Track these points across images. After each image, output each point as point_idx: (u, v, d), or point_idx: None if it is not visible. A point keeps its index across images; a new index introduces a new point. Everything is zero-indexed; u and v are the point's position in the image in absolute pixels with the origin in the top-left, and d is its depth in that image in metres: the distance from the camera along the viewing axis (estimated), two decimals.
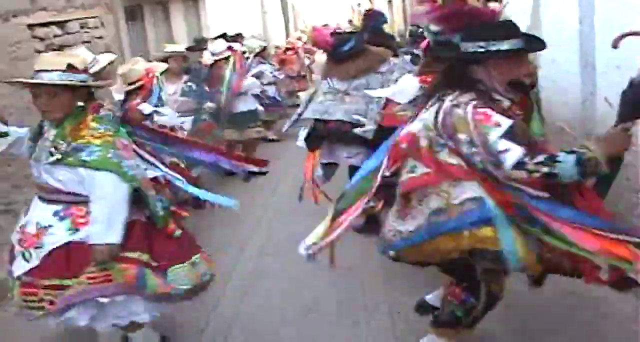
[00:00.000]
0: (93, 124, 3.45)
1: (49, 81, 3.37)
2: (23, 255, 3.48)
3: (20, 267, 3.48)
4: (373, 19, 6.55)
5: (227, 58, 8.50)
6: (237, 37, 12.99)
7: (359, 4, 42.54)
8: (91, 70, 3.73)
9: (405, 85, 4.29)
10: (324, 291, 4.69)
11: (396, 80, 4.99)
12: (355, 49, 5.52)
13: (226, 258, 5.35)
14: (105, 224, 3.35)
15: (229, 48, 8.63)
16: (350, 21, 25.21)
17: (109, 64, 5.75)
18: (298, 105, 6.55)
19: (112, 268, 3.37)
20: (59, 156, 3.39)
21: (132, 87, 5.97)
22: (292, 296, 4.70)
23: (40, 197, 3.59)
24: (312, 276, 4.76)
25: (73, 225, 3.44)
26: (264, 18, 20.76)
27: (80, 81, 3.44)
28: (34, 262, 3.44)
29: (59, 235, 3.44)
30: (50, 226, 3.46)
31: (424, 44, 4.30)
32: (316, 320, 4.33)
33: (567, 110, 5.26)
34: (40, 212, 3.54)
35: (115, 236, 3.37)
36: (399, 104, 4.54)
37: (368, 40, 5.75)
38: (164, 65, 6.89)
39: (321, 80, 5.84)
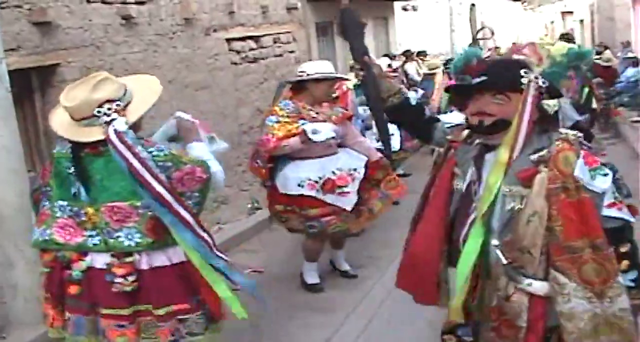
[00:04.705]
0: None
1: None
2: None
3: None
4: None
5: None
6: (420, 54, 13.01)
7: (552, 22, 40.98)
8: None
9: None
10: None
11: None
12: None
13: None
14: None
15: (389, 66, 8.63)
16: (541, 39, 24.28)
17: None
18: None
19: None
20: None
21: None
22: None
23: None
24: None
25: None
26: (451, 36, 20.55)
27: None
28: None
29: None
30: None
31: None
32: None
33: None
34: None
35: None
36: None
37: None
38: (352, 79, 6.95)
39: None
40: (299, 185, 4.70)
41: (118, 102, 2.84)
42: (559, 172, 2.30)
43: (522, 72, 2.43)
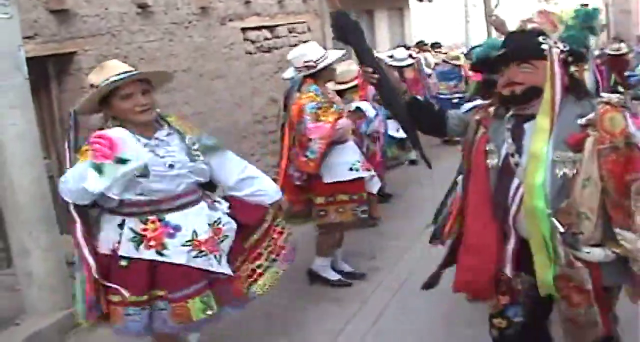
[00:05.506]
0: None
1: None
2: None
3: None
4: None
5: (410, 65, 8.57)
6: (435, 46, 12.95)
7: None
8: None
9: None
10: None
11: None
12: None
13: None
14: None
15: (410, 56, 8.66)
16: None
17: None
18: None
19: None
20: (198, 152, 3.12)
21: (345, 86, 6.03)
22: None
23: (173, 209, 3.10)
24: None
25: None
26: (466, 27, 20.39)
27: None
28: None
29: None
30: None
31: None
32: None
33: None
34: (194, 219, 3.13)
35: None
36: None
37: None
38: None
39: None
40: (350, 169, 4.58)
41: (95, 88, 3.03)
42: (606, 133, 2.30)
43: (540, 39, 2.43)
